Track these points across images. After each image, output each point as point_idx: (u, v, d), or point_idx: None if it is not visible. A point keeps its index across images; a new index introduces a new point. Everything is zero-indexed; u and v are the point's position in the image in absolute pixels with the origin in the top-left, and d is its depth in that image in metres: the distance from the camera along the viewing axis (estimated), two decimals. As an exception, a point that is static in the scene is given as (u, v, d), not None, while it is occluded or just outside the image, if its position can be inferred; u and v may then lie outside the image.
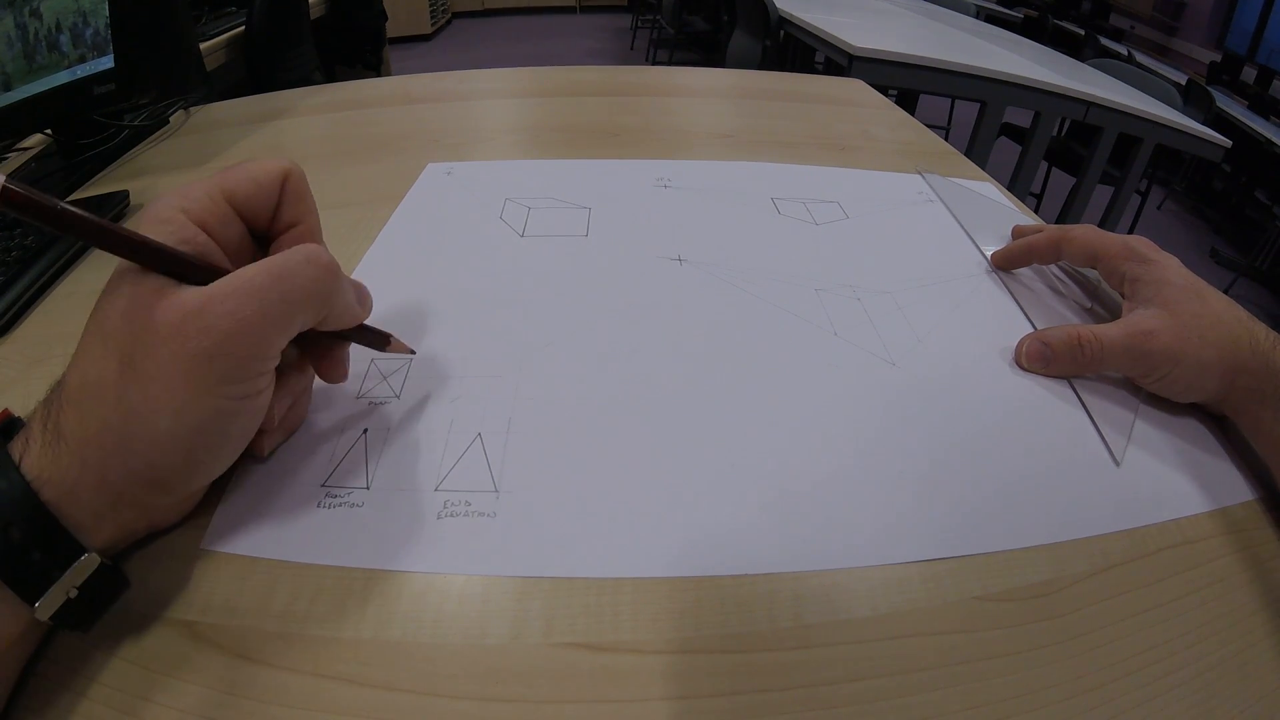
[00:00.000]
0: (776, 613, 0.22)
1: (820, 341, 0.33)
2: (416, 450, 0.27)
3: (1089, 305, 0.38)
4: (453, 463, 0.26)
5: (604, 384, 0.30)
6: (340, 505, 0.24)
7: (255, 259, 0.25)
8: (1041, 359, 0.33)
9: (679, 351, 0.32)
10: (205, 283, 0.21)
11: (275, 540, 0.23)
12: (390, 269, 0.38)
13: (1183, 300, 0.31)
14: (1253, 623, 0.22)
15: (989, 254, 0.41)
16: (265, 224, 0.25)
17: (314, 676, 0.20)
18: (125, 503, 0.21)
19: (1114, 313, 0.35)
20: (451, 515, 0.24)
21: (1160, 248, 0.35)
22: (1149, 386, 0.32)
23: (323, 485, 0.25)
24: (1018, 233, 0.42)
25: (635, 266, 0.38)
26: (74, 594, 0.19)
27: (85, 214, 0.19)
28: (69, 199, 0.45)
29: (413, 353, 0.30)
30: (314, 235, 0.25)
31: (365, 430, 0.27)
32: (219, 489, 0.24)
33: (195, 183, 0.23)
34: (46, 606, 0.18)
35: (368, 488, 0.25)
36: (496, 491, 0.25)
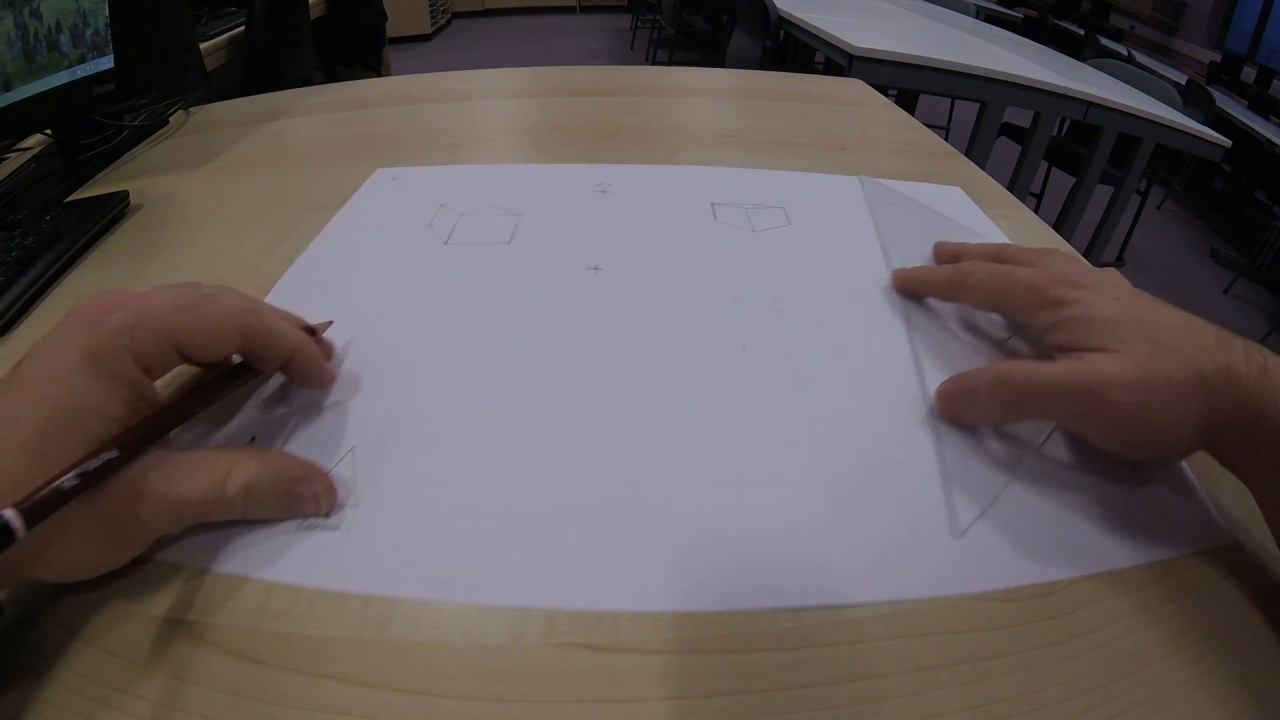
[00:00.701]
0: (776, 613, 0.22)
1: (728, 358, 0.31)
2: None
3: (1005, 338, 0.33)
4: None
5: (488, 398, 0.29)
6: None
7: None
8: (957, 402, 0.27)
9: (574, 367, 0.30)
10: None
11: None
12: (313, 276, 0.37)
13: (1129, 339, 0.24)
14: (1253, 623, 0.22)
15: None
16: (215, 361, 0.24)
17: (314, 676, 0.20)
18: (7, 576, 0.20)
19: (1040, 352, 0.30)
20: (310, 528, 0.24)
21: (1084, 269, 0.29)
22: (1111, 448, 0.25)
23: None
24: (938, 251, 0.38)
25: (548, 276, 0.37)
26: None
27: (62, 486, 0.19)
28: (69, 199, 0.45)
29: (328, 324, 0.31)
30: (303, 363, 0.26)
31: (253, 439, 0.27)
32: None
33: (146, 317, 0.22)
34: None
35: None
36: (356, 506, 0.24)
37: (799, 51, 2.32)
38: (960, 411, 0.28)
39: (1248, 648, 0.22)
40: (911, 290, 0.36)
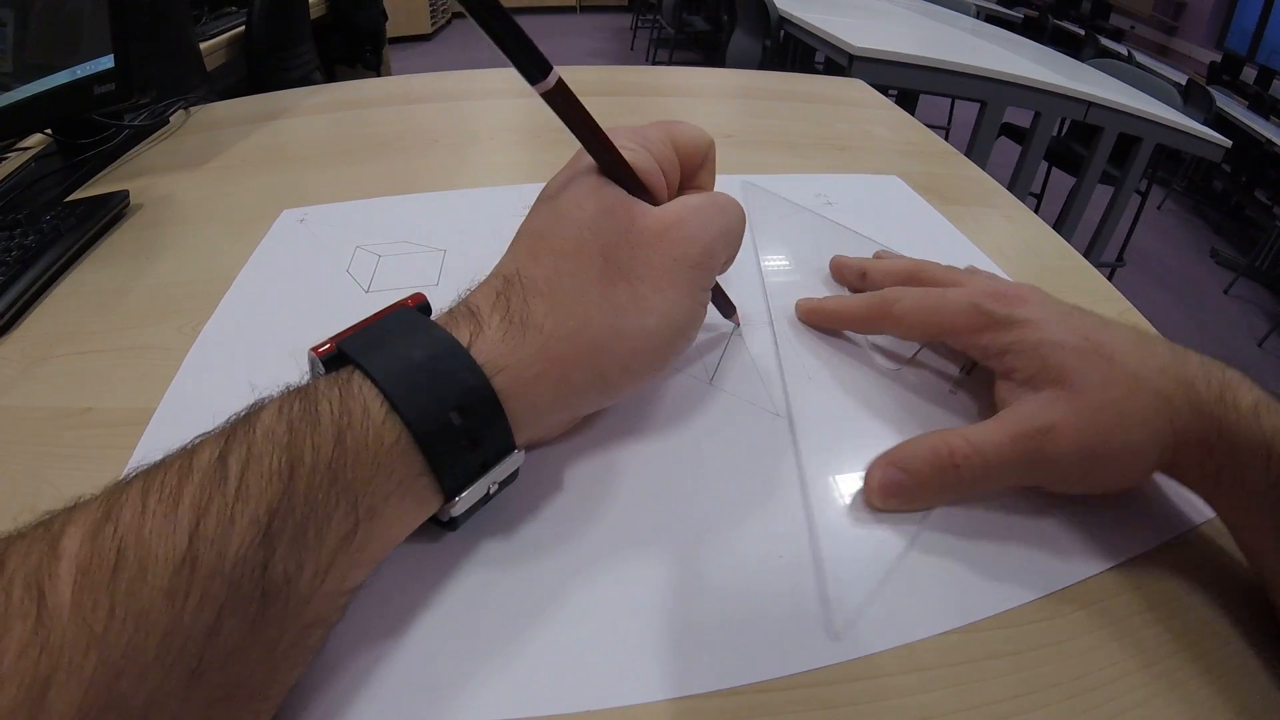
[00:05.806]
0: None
1: (694, 390, 0.29)
2: None
3: (951, 388, 0.29)
4: None
5: None
6: None
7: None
8: (902, 493, 0.23)
9: None
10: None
11: None
12: (226, 345, 0.32)
13: (1083, 368, 0.22)
14: (1254, 622, 0.22)
15: (794, 302, 0.33)
16: (682, 180, 0.26)
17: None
18: (562, 405, 0.20)
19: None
20: None
21: (1013, 284, 0.26)
22: (1061, 490, 0.24)
23: None
24: (840, 270, 0.35)
25: None
26: (493, 490, 0.18)
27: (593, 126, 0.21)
28: (69, 198, 0.45)
29: (737, 325, 0.31)
30: None
31: None
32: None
33: (648, 126, 0.25)
34: (465, 502, 0.18)
35: None
36: None
37: (799, 51, 2.31)
38: (904, 505, 0.24)
39: (1251, 645, 0.21)
40: (820, 325, 0.32)
